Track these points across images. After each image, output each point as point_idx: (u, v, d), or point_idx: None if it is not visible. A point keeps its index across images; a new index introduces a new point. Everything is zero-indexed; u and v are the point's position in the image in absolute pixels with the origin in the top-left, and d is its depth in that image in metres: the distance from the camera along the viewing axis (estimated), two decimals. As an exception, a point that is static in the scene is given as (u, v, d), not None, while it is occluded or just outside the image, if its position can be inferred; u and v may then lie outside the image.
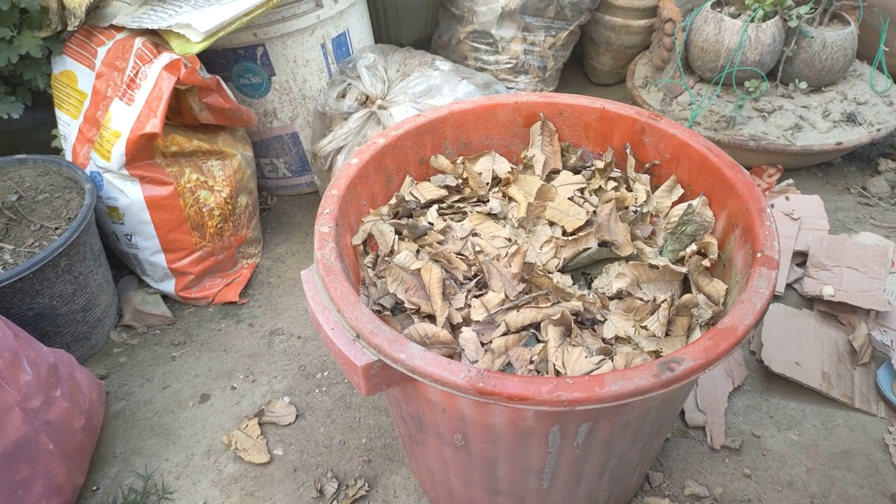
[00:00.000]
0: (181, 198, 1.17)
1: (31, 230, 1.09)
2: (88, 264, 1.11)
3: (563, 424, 0.56)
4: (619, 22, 1.70)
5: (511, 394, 0.48)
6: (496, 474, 0.67)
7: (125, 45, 1.13)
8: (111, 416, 1.08)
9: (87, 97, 1.17)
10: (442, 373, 0.49)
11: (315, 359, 1.15)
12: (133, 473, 0.99)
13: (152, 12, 1.16)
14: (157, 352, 1.19)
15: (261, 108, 1.37)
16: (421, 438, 0.70)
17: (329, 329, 0.55)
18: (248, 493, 0.95)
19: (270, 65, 1.30)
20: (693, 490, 0.92)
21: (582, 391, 0.48)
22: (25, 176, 1.18)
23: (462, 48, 1.65)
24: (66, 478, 0.89)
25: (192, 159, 1.20)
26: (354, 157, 0.72)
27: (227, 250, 1.28)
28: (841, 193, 1.44)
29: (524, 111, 0.81)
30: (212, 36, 1.09)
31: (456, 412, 0.58)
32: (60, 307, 1.07)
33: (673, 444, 0.98)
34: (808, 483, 0.93)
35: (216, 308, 1.27)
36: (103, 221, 1.20)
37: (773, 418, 1.01)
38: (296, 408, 1.07)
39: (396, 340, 0.51)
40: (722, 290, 0.64)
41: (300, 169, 1.49)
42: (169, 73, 1.07)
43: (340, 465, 0.98)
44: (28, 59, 1.15)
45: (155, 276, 1.24)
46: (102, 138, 1.11)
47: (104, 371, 1.15)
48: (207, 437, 1.04)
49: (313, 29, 1.29)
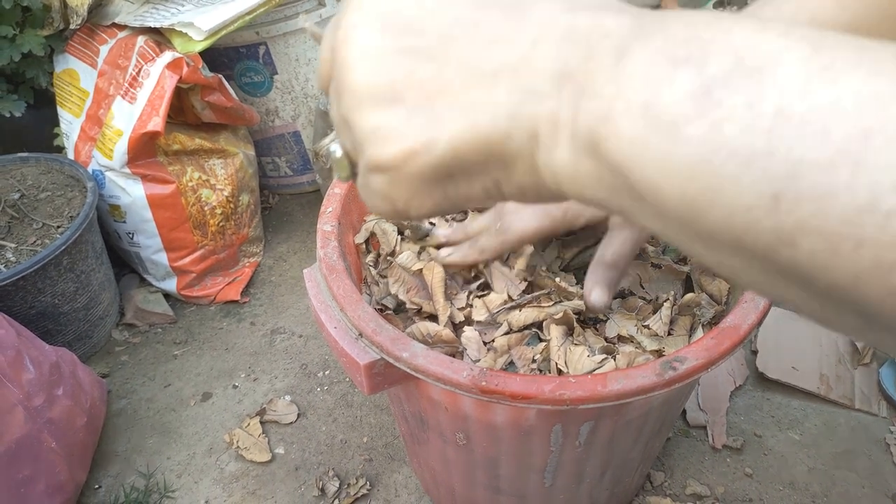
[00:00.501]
0: (183, 196, 1.17)
1: (33, 228, 1.09)
2: (90, 263, 1.11)
3: (566, 423, 0.56)
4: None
5: (514, 392, 0.48)
6: (498, 473, 0.67)
7: (127, 44, 1.13)
8: (113, 414, 1.08)
9: (90, 95, 1.18)
10: (444, 371, 0.49)
11: (316, 357, 1.15)
12: (135, 472, 0.99)
13: (154, 11, 1.16)
14: (158, 350, 1.19)
15: (263, 107, 1.37)
16: (423, 437, 0.70)
17: (332, 328, 0.55)
18: (249, 492, 0.96)
19: (272, 63, 1.30)
20: (694, 489, 0.92)
21: (584, 390, 0.48)
22: (28, 174, 1.18)
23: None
24: (68, 476, 0.89)
25: (194, 158, 1.20)
26: (357, 155, 0.72)
27: (228, 249, 1.28)
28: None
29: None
30: (214, 34, 1.09)
31: (458, 411, 0.58)
32: (62, 305, 1.07)
33: (674, 443, 0.98)
34: (810, 483, 0.93)
35: (218, 307, 1.27)
36: (105, 220, 1.20)
37: (775, 418, 1.01)
38: (297, 406, 1.07)
39: (399, 339, 0.51)
40: (724, 290, 0.64)
41: (302, 168, 1.49)
42: (171, 72, 1.07)
43: (342, 463, 0.98)
44: (30, 57, 1.15)
45: (157, 274, 1.24)
46: (105, 136, 1.11)
47: (106, 369, 1.16)
48: (209, 436, 1.04)
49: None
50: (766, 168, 0.17)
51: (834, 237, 0.17)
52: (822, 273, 0.18)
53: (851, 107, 0.16)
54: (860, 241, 0.16)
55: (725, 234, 0.19)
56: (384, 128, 0.24)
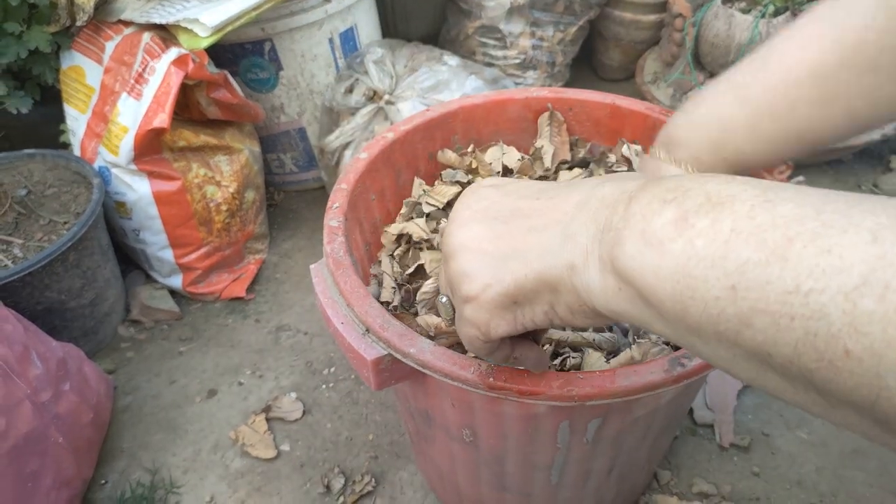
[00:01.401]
0: (189, 193, 1.17)
1: (39, 224, 1.09)
2: (97, 259, 1.11)
3: (573, 420, 0.56)
4: (629, 17, 1.69)
5: (521, 389, 0.47)
6: (504, 470, 0.66)
7: (133, 40, 1.13)
8: (119, 410, 1.08)
9: (96, 92, 1.18)
10: (452, 368, 0.49)
11: (322, 355, 1.15)
12: (141, 467, 0.99)
13: (160, 7, 1.16)
14: (164, 347, 1.19)
15: (268, 104, 1.37)
16: (429, 434, 0.69)
17: (339, 323, 0.54)
18: (255, 488, 0.96)
19: (278, 60, 1.30)
20: (701, 488, 0.92)
21: (592, 386, 0.47)
22: (34, 170, 1.18)
23: (470, 43, 1.65)
24: (75, 471, 0.89)
25: (199, 154, 1.20)
26: (363, 151, 0.72)
27: (234, 246, 1.28)
28: (852, 190, 1.43)
29: (534, 106, 0.81)
30: (220, 31, 1.09)
31: (465, 407, 0.58)
32: (69, 302, 1.07)
33: (682, 442, 0.98)
34: (818, 482, 0.92)
35: (223, 303, 1.27)
36: (111, 216, 1.21)
37: (783, 416, 1.00)
38: (303, 403, 1.07)
39: (406, 335, 0.51)
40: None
41: (307, 164, 1.49)
42: (177, 68, 1.07)
43: (347, 460, 0.98)
44: (37, 54, 1.15)
45: (162, 271, 1.25)
46: (110, 133, 1.11)
47: (112, 366, 1.16)
48: (215, 432, 1.04)
49: (321, 23, 1.29)
50: (724, 267, 0.25)
51: (775, 314, 0.23)
52: (773, 348, 0.24)
53: (781, 224, 0.24)
54: (792, 316, 0.23)
55: (707, 325, 0.26)
56: (471, 271, 0.35)
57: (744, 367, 0.27)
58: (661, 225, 0.27)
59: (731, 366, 0.28)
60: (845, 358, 0.22)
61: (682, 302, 0.27)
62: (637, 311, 0.30)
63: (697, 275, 0.26)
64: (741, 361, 0.27)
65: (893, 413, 0.22)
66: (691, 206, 0.27)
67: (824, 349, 0.22)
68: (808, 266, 0.22)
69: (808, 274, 0.22)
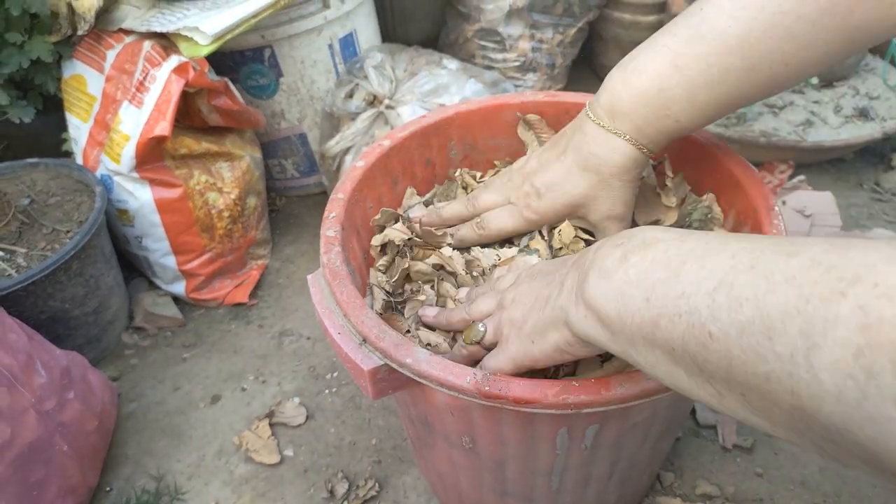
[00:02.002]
0: (190, 200, 1.17)
1: (43, 233, 1.10)
2: (100, 267, 1.12)
3: (571, 427, 0.56)
4: (628, 18, 1.69)
5: (517, 397, 0.48)
6: (505, 476, 0.67)
7: (134, 49, 1.13)
8: (123, 417, 1.09)
9: (97, 100, 1.18)
10: (447, 377, 0.49)
11: (325, 360, 1.16)
12: (145, 474, 1.00)
13: (161, 16, 1.17)
14: (168, 353, 1.20)
15: (269, 110, 1.38)
16: (429, 441, 0.70)
17: (336, 333, 0.55)
18: (259, 494, 0.96)
19: (278, 66, 1.31)
20: (704, 489, 0.92)
21: (588, 394, 0.47)
22: (37, 179, 1.19)
23: (469, 46, 1.65)
24: (80, 479, 0.90)
25: (200, 161, 1.20)
26: (360, 159, 0.72)
27: (236, 252, 1.29)
28: (853, 189, 1.43)
29: (529, 111, 0.81)
30: (220, 39, 1.09)
31: (463, 415, 0.58)
32: (73, 310, 1.08)
33: (684, 443, 0.98)
34: (821, 482, 0.92)
35: (226, 309, 1.28)
36: (114, 224, 1.21)
37: (785, 417, 1.00)
38: (306, 409, 1.07)
39: (402, 345, 0.51)
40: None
41: (308, 170, 1.50)
42: (178, 76, 1.07)
43: (351, 465, 0.99)
44: (39, 63, 1.16)
45: (165, 278, 1.25)
46: (112, 141, 1.12)
47: (116, 373, 1.16)
48: (219, 438, 1.04)
49: (320, 30, 1.30)
50: (643, 286, 0.35)
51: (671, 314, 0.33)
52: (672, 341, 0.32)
53: (683, 254, 0.33)
54: (680, 314, 0.32)
55: (637, 333, 0.35)
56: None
57: (664, 370, 0.34)
58: (611, 262, 0.38)
59: (656, 370, 0.35)
60: (709, 339, 0.29)
61: (620, 316, 0.36)
62: (596, 333, 0.39)
63: (628, 293, 0.36)
64: (663, 364, 0.34)
65: (744, 379, 0.28)
66: (630, 248, 0.37)
67: (699, 335, 0.30)
68: (690, 278, 0.32)
69: (690, 283, 0.31)
